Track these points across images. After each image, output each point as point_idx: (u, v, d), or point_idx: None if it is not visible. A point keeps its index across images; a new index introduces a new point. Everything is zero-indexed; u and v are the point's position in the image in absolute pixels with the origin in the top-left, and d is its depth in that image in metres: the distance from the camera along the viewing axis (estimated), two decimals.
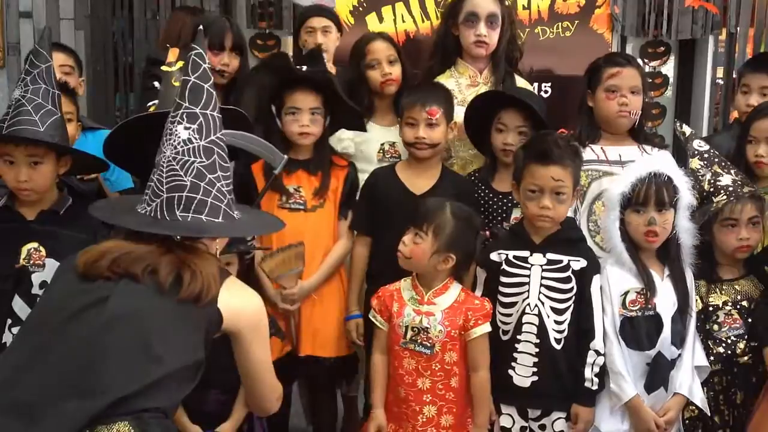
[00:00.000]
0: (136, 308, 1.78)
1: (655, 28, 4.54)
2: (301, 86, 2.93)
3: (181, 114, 1.90)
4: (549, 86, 4.41)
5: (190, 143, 1.87)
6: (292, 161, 2.98)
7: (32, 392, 1.70)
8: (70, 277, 1.85)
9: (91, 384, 1.70)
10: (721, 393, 2.74)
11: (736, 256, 2.75)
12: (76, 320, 1.77)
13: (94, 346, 1.73)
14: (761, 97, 3.30)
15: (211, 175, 1.89)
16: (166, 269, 1.81)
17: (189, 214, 1.87)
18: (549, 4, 4.48)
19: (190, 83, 1.91)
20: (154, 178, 1.90)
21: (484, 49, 3.25)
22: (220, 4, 4.40)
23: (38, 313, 1.91)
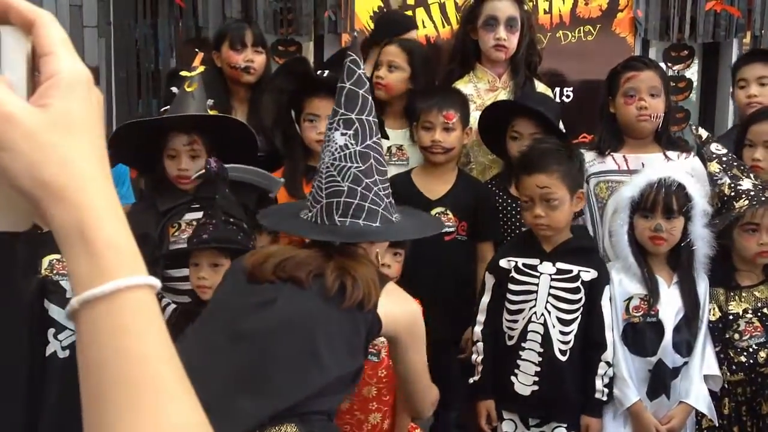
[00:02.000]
0: (303, 314, 1.83)
1: (678, 32, 4.50)
2: (320, 93, 2.93)
3: (337, 120, 1.94)
4: (570, 91, 4.38)
5: (347, 149, 1.91)
6: (312, 168, 2.98)
7: (206, 390, 1.73)
8: (238, 279, 1.92)
9: (263, 387, 1.77)
10: (744, 404, 2.70)
11: (756, 261, 2.72)
12: (245, 321, 1.83)
13: (264, 349, 1.79)
14: (760, 87, 3.30)
15: (368, 180, 1.92)
16: (331, 276, 1.84)
17: (347, 219, 1.92)
18: (570, 8, 4.45)
19: (346, 89, 1.94)
20: (315, 184, 1.96)
21: (503, 53, 3.24)
22: (241, 10, 4.41)
23: (209, 312, 1.96)
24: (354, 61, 1.95)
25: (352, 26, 4.41)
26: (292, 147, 3.00)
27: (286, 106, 2.99)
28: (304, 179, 2.99)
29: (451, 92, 3.12)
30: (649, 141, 3.04)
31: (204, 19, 4.45)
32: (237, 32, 3.28)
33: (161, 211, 2.83)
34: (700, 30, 4.49)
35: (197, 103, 2.84)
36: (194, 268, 2.56)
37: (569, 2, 4.44)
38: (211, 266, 2.53)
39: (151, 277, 0.67)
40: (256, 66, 3.27)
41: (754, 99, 3.29)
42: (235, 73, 3.26)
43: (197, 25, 4.47)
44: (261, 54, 3.31)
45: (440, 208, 3.00)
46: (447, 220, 2.98)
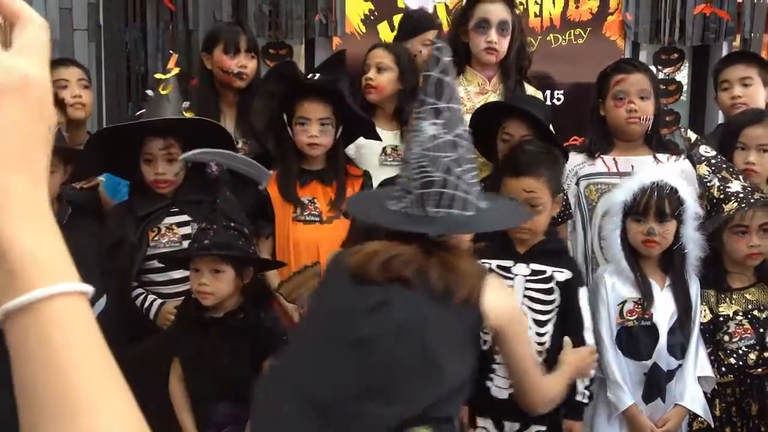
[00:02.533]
0: (417, 317, 1.81)
1: (668, 35, 4.51)
2: (310, 96, 2.92)
3: (426, 110, 1.90)
4: (561, 94, 4.39)
5: (437, 139, 1.88)
6: (306, 172, 2.98)
7: (328, 394, 1.77)
8: (342, 279, 1.89)
9: (391, 393, 1.76)
10: (734, 404, 2.71)
11: (746, 263, 2.73)
12: (362, 327, 1.81)
13: (385, 355, 1.78)
14: (743, 88, 3.29)
15: (458, 169, 1.89)
16: (435, 274, 1.83)
17: (440, 209, 1.88)
18: (561, 12, 4.46)
19: (434, 78, 1.90)
20: (404, 174, 1.93)
21: (494, 56, 3.23)
22: (232, 13, 4.40)
23: (318, 316, 1.94)
24: (439, 49, 1.92)
25: (343, 30, 4.42)
26: (285, 150, 2.99)
27: (278, 110, 2.97)
28: (297, 182, 2.98)
29: None
30: (638, 143, 3.04)
31: (194, 21, 4.44)
32: (231, 37, 3.25)
33: (140, 215, 2.81)
34: (690, 33, 4.50)
35: (172, 106, 2.83)
36: (195, 273, 2.54)
37: (560, 5, 4.45)
38: (212, 272, 2.52)
39: (77, 284, 0.66)
40: (248, 72, 3.25)
41: (738, 100, 3.28)
42: (227, 78, 3.24)
43: (187, 28, 4.45)
44: (253, 59, 3.29)
45: None
46: None
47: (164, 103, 2.81)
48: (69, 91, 3.36)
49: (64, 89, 3.36)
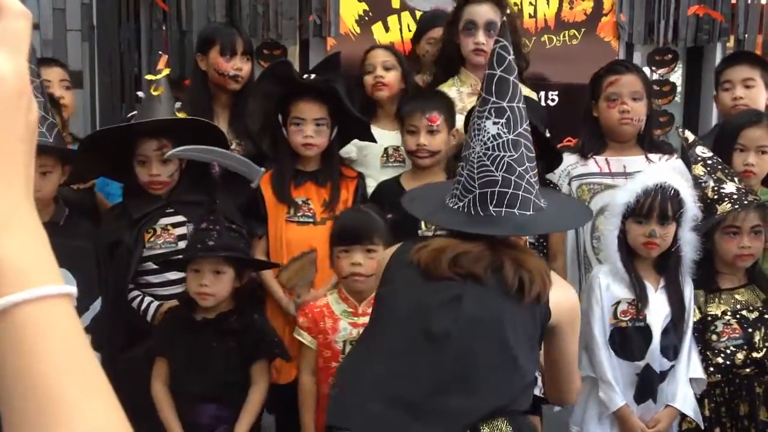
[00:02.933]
0: (491, 312, 1.84)
1: (662, 36, 4.51)
2: (305, 96, 2.92)
3: (488, 109, 1.90)
4: (555, 95, 4.39)
5: (500, 138, 1.89)
6: (300, 173, 2.98)
7: (411, 388, 1.79)
8: (411, 276, 1.90)
9: (471, 386, 1.78)
10: (723, 405, 2.71)
11: (737, 264, 2.73)
12: (436, 321, 1.82)
13: (463, 349, 1.81)
14: (746, 90, 3.27)
15: (520, 168, 1.89)
16: (510, 271, 1.84)
17: (502, 208, 1.89)
18: (555, 13, 4.46)
19: (497, 77, 1.90)
20: (464, 173, 1.93)
21: (482, 57, 3.22)
22: (225, 14, 4.39)
23: (391, 309, 1.94)
24: (504, 47, 1.91)
25: (337, 30, 4.40)
26: (280, 151, 2.98)
27: (273, 110, 2.96)
28: (292, 183, 2.97)
29: (435, 95, 3.12)
30: (631, 144, 3.05)
31: (188, 22, 4.43)
32: (228, 39, 3.23)
33: (135, 217, 2.80)
34: (684, 34, 4.50)
35: (164, 107, 2.82)
36: (194, 274, 2.53)
37: (554, 6, 4.45)
38: (213, 273, 2.52)
39: (57, 287, 0.64)
40: (243, 74, 3.22)
41: (739, 101, 3.27)
42: (222, 80, 3.23)
43: (181, 29, 4.44)
44: (249, 62, 3.27)
45: None
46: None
47: (156, 104, 2.80)
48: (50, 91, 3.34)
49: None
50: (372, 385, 1.82)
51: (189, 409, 2.54)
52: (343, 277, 2.56)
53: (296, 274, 2.89)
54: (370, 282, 2.53)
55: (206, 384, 2.53)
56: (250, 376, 2.58)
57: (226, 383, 2.53)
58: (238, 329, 2.56)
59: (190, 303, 2.61)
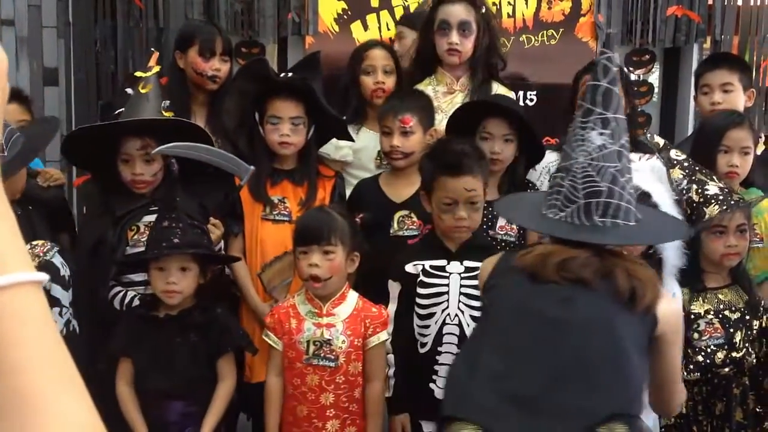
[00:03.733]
0: (605, 317, 1.85)
1: (639, 37, 4.54)
2: (281, 94, 2.90)
3: (594, 120, 1.90)
4: (534, 94, 4.40)
5: (605, 149, 1.89)
6: (277, 171, 2.96)
7: (528, 386, 1.80)
8: (517, 279, 1.91)
9: (586, 386, 1.79)
10: (701, 403, 2.72)
11: (723, 263, 2.74)
12: (549, 321, 1.84)
13: (578, 346, 1.81)
14: (724, 95, 3.30)
15: (623, 179, 1.91)
16: (622, 279, 1.85)
17: (607, 219, 1.90)
18: (534, 13, 4.47)
19: (603, 88, 1.90)
20: (566, 184, 1.92)
21: (456, 57, 3.24)
22: (203, 12, 4.37)
23: (501, 309, 1.94)
24: (609, 59, 1.92)
25: (316, 29, 4.39)
26: (256, 150, 2.96)
27: (250, 109, 2.95)
28: (268, 181, 2.95)
29: (410, 95, 3.10)
30: None
31: (165, 19, 4.41)
32: (207, 39, 3.20)
33: (118, 215, 2.78)
34: (661, 35, 4.53)
35: (152, 106, 2.79)
36: (159, 272, 2.51)
37: (532, 6, 4.46)
38: (179, 270, 2.50)
39: (32, 274, 0.63)
40: (222, 75, 3.20)
41: (717, 106, 3.29)
42: (200, 80, 3.20)
43: (158, 26, 4.41)
44: (227, 62, 3.25)
45: (404, 211, 2.98)
46: (411, 223, 2.97)
47: (143, 102, 2.78)
48: None
49: None
50: (487, 380, 1.83)
51: (156, 407, 2.53)
52: (304, 279, 2.55)
53: (277, 275, 2.88)
54: (330, 286, 2.53)
55: (172, 381, 2.51)
56: (217, 371, 2.57)
57: (191, 379, 2.52)
58: (201, 324, 2.55)
59: (151, 301, 2.60)
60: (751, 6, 4.55)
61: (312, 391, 2.52)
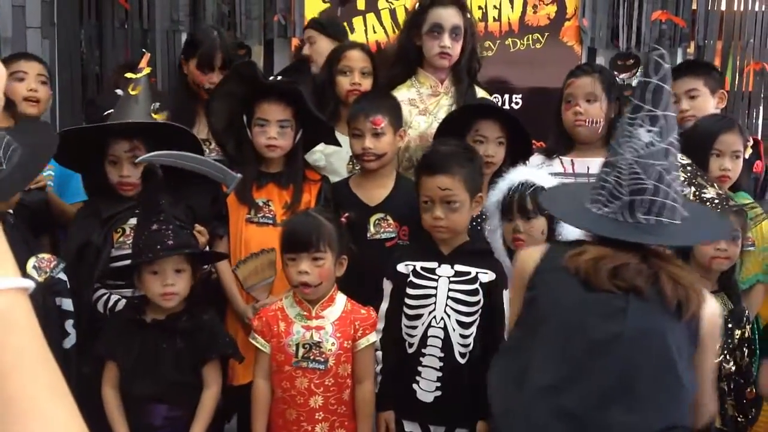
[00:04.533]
0: (656, 327, 1.83)
1: (624, 41, 4.56)
2: (269, 97, 2.90)
3: (642, 116, 1.89)
4: (520, 98, 4.42)
5: (652, 146, 1.87)
6: (263, 174, 2.96)
7: (575, 400, 1.79)
8: (568, 283, 1.88)
9: (632, 402, 1.77)
10: None
11: (712, 266, 2.74)
12: (601, 330, 1.83)
13: (627, 362, 1.80)
14: (691, 101, 3.36)
15: (669, 177, 1.89)
16: (668, 288, 1.84)
17: (652, 216, 1.88)
18: (519, 17, 4.49)
19: (653, 85, 1.88)
20: (611, 179, 1.91)
21: (447, 60, 3.27)
22: (189, 13, 4.36)
23: (550, 316, 1.91)
24: (662, 56, 1.91)
25: (302, 31, 4.39)
26: (245, 152, 2.96)
27: (238, 111, 2.94)
28: (254, 184, 2.95)
29: (379, 96, 3.10)
30: (597, 145, 3.08)
31: (150, 20, 4.39)
32: (207, 53, 3.20)
33: (104, 216, 2.77)
34: (646, 39, 4.56)
35: (141, 108, 2.77)
36: (154, 276, 2.50)
37: (518, 10, 4.48)
38: (174, 272, 2.50)
39: (18, 280, 0.63)
40: None
41: (686, 113, 3.35)
42: (198, 90, 3.21)
43: (143, 28, 4.40)
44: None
45: (380, 214, 2.97)
46: (387, 226, 2.97)
47: (132, 104, 2.77)
48: (25, 84, 3.29)
49: (20, 82, 3.28)
50: (537, 394, 1.82)
51: (141, 410, 2.52)
52: (293, 285, 2.55)
53: (255, 274, 2.87)
54: (320, 290, 2.53)
55: (156, 385, 2.51)
56: (203, 377, 2.56)
57: (175, 383, 2.51)
58: (188, 329, 2.54)
59: (138, 305, 2.59)
60: (734, 11, 4.58)
61: (301, 394, 2.51)
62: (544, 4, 4.49)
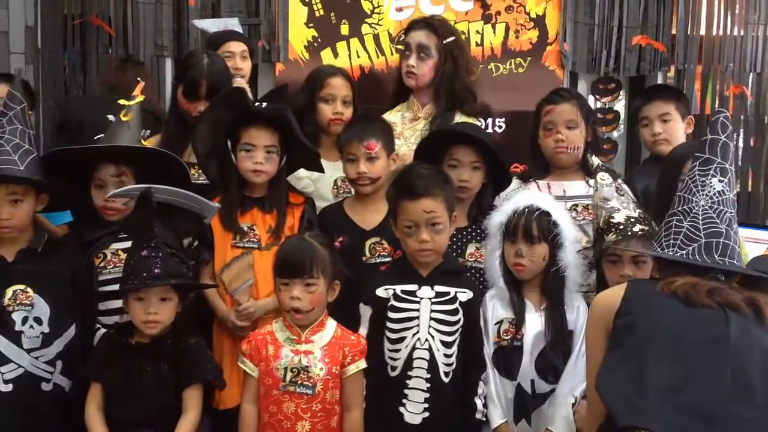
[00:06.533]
0: (757, 337, 1.95)
1: (605, 65, 4.62)
2: (257, 123, 2.91)
3: (714, 168, 2.11)
4: (503, 122, 4.45)
5: (724, 194, 2.09)
6: (247, 199, 2.96)
7: (700, 397, 1.88)
8: (668, 301, 2.00)
9: (750, 395, 1.88)
10: None
11: None
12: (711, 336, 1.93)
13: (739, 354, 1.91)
14: (663, 124, 3.45)
15: (735, 225, 2.11)
16: (764, 305, 1.98)
17: (726, 258, 2.06)
18: (502, 41, 4.54)
19: (721, 142, 2.12)
20: (686, 225, 2.09)
21: (413, 80, 3.33)
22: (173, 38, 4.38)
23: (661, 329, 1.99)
24: (726, 117, 2.15)
25: (286, 56, 4.42)
26: (229, 177, 2.96)
27: (223, 136, 2.95)
28: (238, 211, 2.95)
29: (372, 121, 3.12)
30: (573, 169, 3.11)
31: (134, 46, 4.41)
32: (193, 82, 3.16)
33: (85, 241, 2.77)
34: (627, 63, 4.61)
35: (131, 133, 2.79)
36: (139, 303, 2.50)
37: (500, 35, 4.53)
38: (159, 300, 2.49)
39: None
40: None
41: (659, 137, 3.43)
42: (186, 117, 3.21)
43: (127, 53, 4.41)
44: None
45: (375, 238, 2.99)
46: (382, 250, 2.98)
47: (123, 130, 2.78)
48: None
49: None
50: (660, 394, 1.88)
51: None
52: (285, 310, 2.55)
53: (235, 277, 2.86)
54: (311, 316, 2.54)
55: (140, 408, 2.50)
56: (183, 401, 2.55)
57: (159, 408, 2.51)
58: (173, 353, 2.53)
59: (124, 328, 2.59)
60: (713, 36, 4.65)
61: (288, 419, 2.50)
62: (526, 29, 4.55)
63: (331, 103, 3.28)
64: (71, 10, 4.44)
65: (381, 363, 2.65)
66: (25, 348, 2.57)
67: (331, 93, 3.28)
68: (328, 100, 3.29)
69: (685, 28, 4.64)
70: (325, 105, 3.29)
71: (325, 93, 3.29)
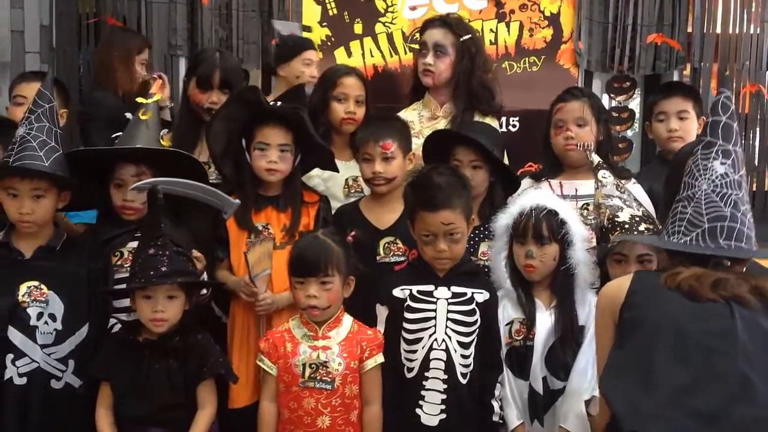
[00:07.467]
0: (763, 326, 1.93)
1: (620, 64, 4.59)
2: (271, 122, 2.90)
3: (716, 150, 2.07)
4: (517, 120, 4.44)
5: (727, 177, 2.05)
6: (261, 197, 2.96)
7: (710, 401, 1.86)
8: (673, 296, 1.98)
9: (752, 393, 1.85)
10: None
11: None
12: (718, 333, 1.91)
13: (742, 351, 1.88)
14: (680, 121, 3.40)
15: (743, 207, 2.06)
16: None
17: (731, 242, 2.03)
18: (516, 40, 4.52)
19: (723, 123, 2.08)
20: (689, 210, 2.07)
21: (430, 78, 3.34)
22: (187, 37, 4.39)
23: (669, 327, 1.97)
24: (728, 97, 2.10)
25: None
26: (243, 176, 2.96)
27: (238, 135, 2.95)
28: (253, 209, 2.95)
29: (388, 121, 3.13)
30: (585, 168, 3.08)
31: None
32: (205, 71, 3.20)
33: (103, 239, 2.78)
34: (642, 62, 4.59)
35: (150, 133, 2.81)
36: (146, 301, 2.50)
37: (514, 34, 4.51)
38: (166, 298, 2.50)
39: None
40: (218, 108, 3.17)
41: (674, 133, 3.39)
42: (198, 110, 3.21)
43: None
44: (227, 95, 3.21)
45: (389, 237, 2.99)
46: (397, 249, 2.98)
47: (142, 129, 2.80)
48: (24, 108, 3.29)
49: (19, 107, 3.29)
50: (669, 396, 1.87)
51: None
52: (302, 309, 2.56)
53: (258, 262, 2.84)
54: (328, 313, 2.55)
55: (150, 406, 2.51)
56: (197, 397, 2.55)
57: (169, 405, 2.51)
58: (181, 350, 2.54)
59: (132, 326, 2.59)
60: (729, 34, 4.62)
61: (308, 414, 2.52)
62: (540, 28, 4.53)
63: (344, 102, 3.28)
64: (86, 9, 4.48)
65: (397, 364, 2.64)
66: (39, 343, 2.57)
67: (344, 92, 3.28)
68: (341, 100, 3.28)
69: (701, 26, 4.61)
70: (337, 104, 3.28)
71: (338, 92, 3.29)
